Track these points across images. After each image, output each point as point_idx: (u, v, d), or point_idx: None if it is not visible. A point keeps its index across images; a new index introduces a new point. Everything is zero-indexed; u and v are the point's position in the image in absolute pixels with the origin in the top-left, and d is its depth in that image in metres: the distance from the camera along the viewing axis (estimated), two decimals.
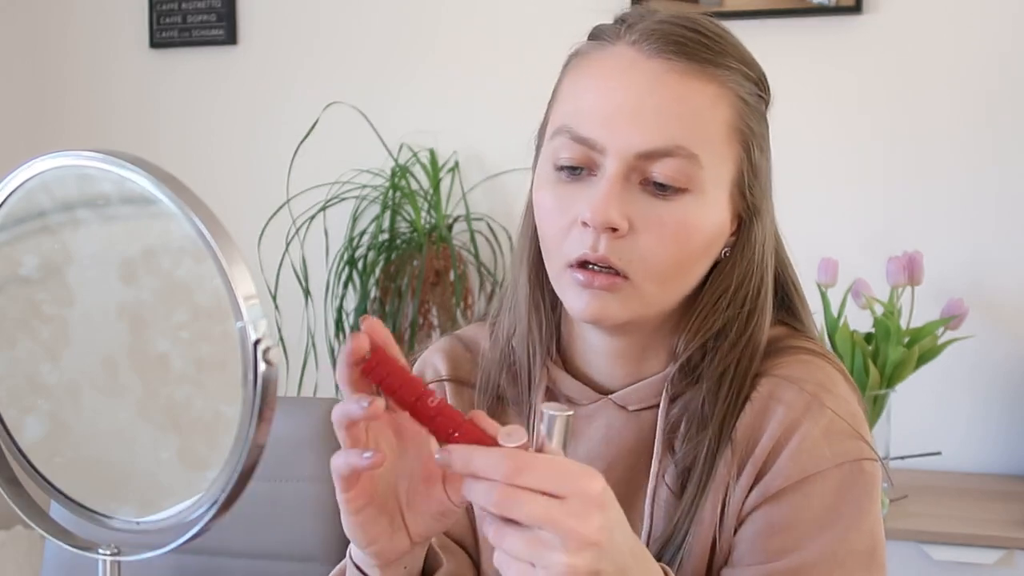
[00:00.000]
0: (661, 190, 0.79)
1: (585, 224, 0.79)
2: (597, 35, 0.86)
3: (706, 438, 0.83)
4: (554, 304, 0.90)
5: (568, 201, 0.81)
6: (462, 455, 0.63)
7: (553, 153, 0.82)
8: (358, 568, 0.76)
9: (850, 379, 0.87)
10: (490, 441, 0.64)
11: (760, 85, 0.85)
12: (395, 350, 0.66)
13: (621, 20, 0.85)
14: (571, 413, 0.65)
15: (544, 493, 0.61)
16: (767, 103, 0.87)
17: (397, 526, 0.71)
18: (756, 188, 0.85)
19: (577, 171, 0.81)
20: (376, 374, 0.65)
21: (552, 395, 0.91)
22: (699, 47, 0.80)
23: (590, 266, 0.80)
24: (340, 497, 0.70)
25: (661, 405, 0.86)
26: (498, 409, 0.93)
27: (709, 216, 0.81)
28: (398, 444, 0.71)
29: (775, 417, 0.82)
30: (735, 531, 0.83)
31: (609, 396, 0.88)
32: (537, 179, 0.86)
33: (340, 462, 0.68)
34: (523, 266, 0.90)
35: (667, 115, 0.79)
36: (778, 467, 0.81)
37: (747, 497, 0.82)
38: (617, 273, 0.79)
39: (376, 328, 0.66)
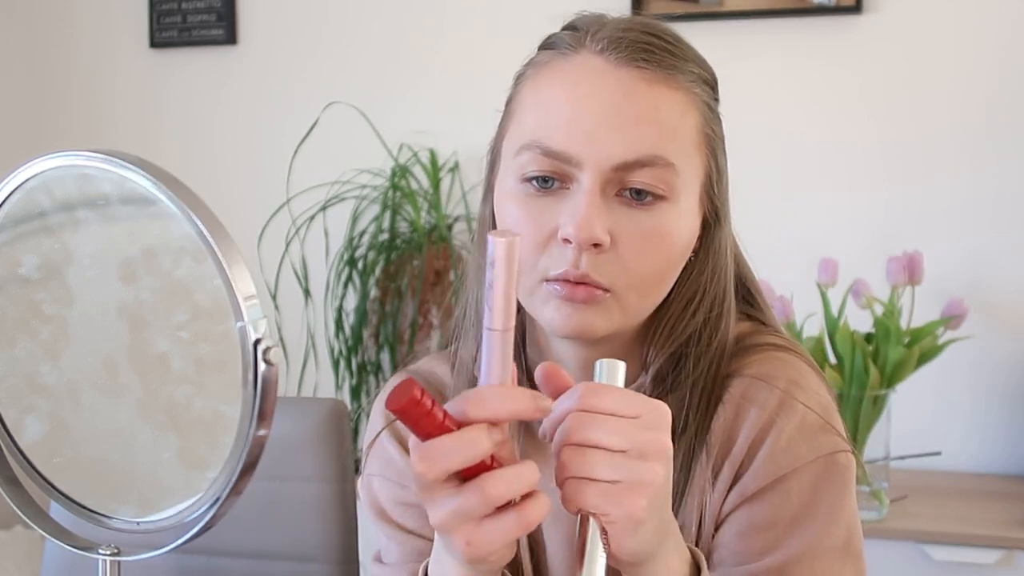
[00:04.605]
0: (639, 199, 0.78)
1: (567, 240, 0.77)
2: (554, 44, 0.84)
3: (682, 445, 0.82)
4: (520, 322, 0.87)
5: (541, 215, 0.79)
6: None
7: (519, 168, 0.80)
8: None
9: (818, 370, 0.87)
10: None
11: (715, 88, 0.85)
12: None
13: (575, 28, 0.83)
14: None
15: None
16: (718, 103, 0.86)
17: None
18: (721, 191, 0.84)
19: (548, 182, 0.79)
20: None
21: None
22: (665, 54, 0.80)
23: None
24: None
25: None
26: None
27: (685, 223, 0.81)
28: None
29: (749, 418, 0.82)
30: (715, 534, 0.82)
31: None
32: (500, 194, 0.83)
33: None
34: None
35: (644, 125, 0.78)
36: (755, 468, 0.81)
37: (725, 499, 0.82)
38: (598, 286, 0.78)
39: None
